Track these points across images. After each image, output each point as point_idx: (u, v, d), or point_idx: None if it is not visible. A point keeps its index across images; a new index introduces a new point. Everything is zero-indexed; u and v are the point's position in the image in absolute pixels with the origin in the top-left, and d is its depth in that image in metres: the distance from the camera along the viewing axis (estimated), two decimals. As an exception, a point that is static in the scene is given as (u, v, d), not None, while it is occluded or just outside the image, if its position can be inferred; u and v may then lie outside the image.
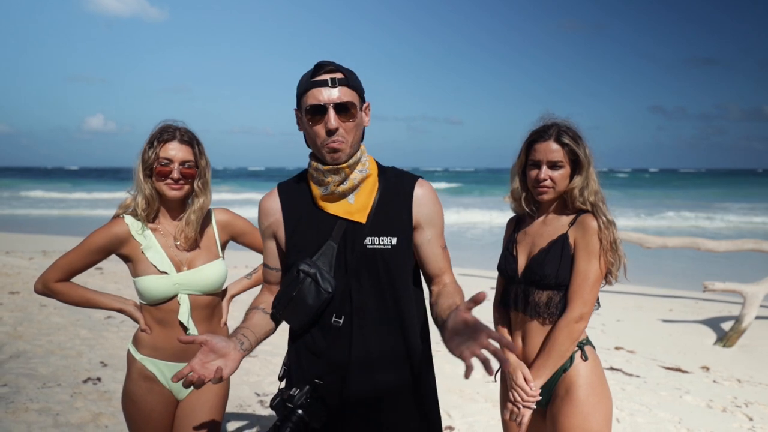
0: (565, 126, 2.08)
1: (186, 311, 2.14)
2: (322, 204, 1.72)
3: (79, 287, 2.21)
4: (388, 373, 1.72)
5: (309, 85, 1.65)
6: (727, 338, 6.43)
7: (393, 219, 1.72)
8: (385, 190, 1.74)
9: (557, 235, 2.07)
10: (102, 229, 2.15)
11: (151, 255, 2.13)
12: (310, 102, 1.64)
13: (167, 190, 2.11)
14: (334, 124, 1.62)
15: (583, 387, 2.01)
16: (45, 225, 18.54)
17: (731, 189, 41.33)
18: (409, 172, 1.81)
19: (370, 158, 1.77)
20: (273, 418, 3.91)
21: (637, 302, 8.30)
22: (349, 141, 1.66)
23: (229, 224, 2.30)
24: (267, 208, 1.81)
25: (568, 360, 2.04)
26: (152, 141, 2.11)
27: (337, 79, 1.64)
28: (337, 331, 1.70)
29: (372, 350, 1.71)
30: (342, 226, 1.70)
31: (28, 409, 3.74)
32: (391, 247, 1.70)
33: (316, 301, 1.68)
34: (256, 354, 5.31)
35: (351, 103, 1.64)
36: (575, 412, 1.98)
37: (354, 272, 1.69)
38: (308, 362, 1.75)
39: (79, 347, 5.21)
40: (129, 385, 2.20)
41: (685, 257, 11.66)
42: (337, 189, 1.69)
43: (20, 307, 6.57)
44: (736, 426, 4.09)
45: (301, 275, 1.68)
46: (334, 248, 1.70)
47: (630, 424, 4.04)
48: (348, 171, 1.68)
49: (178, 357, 2.16)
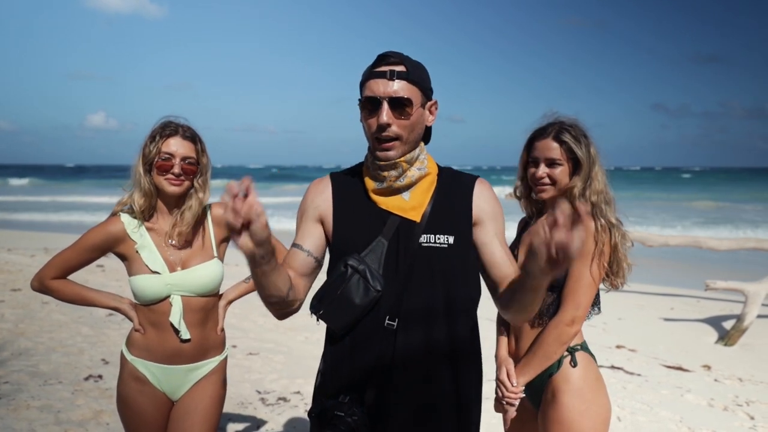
0: (568, 124, 2.05)
1: (177, 313, 2.09)
2: (375, 198, 1.62)
3: (75, 285, 2.18)
4: (432, 379, 1.61)
5: (368, 75, 1.57)
6: (728, 337, 6.43)
7: (451, 217, 1.62)
8: (442, 189, 1.65)
9: None
10: (98, 227, 2.12)
11: (144, 254, 2.09)
12: (366, 93, 1.56)
13: (167, 185, 2.07)
14: (386, 119, 1.53)
15: (568, 393, 1.95)
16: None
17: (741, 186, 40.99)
18: (467, 172, 1.73)
19: (429, 157, 1.68)
20: (274, 417, 3.91)
21: (638, 301, 8.30)
22: (403, 139, 1.56)
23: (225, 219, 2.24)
24: (319, 189, 1.69)
25: (555, 364, 1.99)
26: (154, 135, 2.08)
27: (397, 71, 1.54)
28: (390, 334, 1.58)
29: (418, 355, 1.59)
30: (395, 222, 1.60)
31: (30, 406, 3.74)
32: (447, 246, 1.59)
33: (363, 300, 1.56)
34: (257, 352, 5.32)
35: (407, 99, 1.54)
36: (559, 419, 1.94)
37: (406, 272, 1.58)
38: (350, 368, 1.62)
39: (80, 344, 5.22)
40: (121, 386, 2.17)
41: (687, 256, 11.65)
42: (394, 184, 1.60)
43: (22, 304, 6.57)
44: (737, 425, 4.09)
45: (349, 271, 1.57)
46: (384, 245, 1.59)
47: (631, 422, 4.04)
48: (405, 165, 1.59)
49: (170, 359, 2.12)
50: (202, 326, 2.16)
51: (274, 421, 3.85)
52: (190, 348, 2.14)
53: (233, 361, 4.67)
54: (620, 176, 56.92)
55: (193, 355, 2.15)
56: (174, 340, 2.11)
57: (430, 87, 1.63)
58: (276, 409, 4.03)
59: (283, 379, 4.64)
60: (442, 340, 1.62)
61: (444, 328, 1.62)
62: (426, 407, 1.61)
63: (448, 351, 1.63)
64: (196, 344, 2.15)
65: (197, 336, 2.14)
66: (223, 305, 2.25)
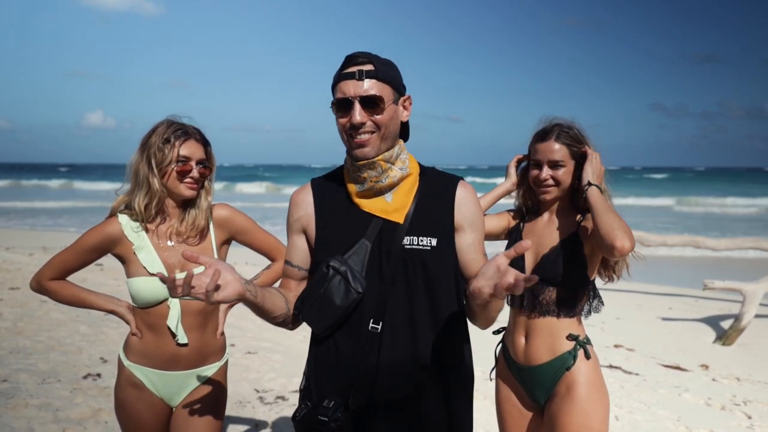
0: (567, 126, 2.10)
1: (175, 316, 2.04)
2: (358, 201, 1.62)
3: (73, 286, 2.15)
4: (420, 386, 1.59)
5: (338, 78, 1.58)
6: (726, 336, 6.44)
7: (434, 219, 1.62)
8: (425, 190, 1.64)
9: (567, 234, 2.07)
10: (95, 228, 2.09)
11: (143, 256, 2.04)
12: (337, 95, 1.57)
13: (185, 189, 2.04)
14: (359, 119, 1.53)
15: (584, 385, 2.00)
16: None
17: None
18: (449, 173, 1.72)
19: (410, 157, 1.67)
20: (272, 415, 3.92)
21: (636, 300, 8.31)
22: (379, 135, 1.56)
23: (228, 221, 2.17)
24: (298, 201, 1.71)
25: (570, 358, 2.03)
26: (167, 139, 2.02)
27: (365, 71, 1.55)
28: (375, 338, 1.57)
29: (403, 360, 1.58)
30: (377, 224, 1.60)
31: (28, 404, 3.75)
32: (431, 248, 1.59)
33: (344, 302, 1.55)
34: (256, 351, 5.32)
35: (378, 96, 1.54)
36: (577, 411, 1.97)
37: (389, 274, 1.57)
38: (334, 372, 1.61)
39: (79, 343, 5.22)
40: (118, 391, 2.13)
41: (685, 255, 11.66)
42: (375, 185, 1.59)
43: (20, 303, 6.57)
44: (735, 424, 4.10)
45: (331, 272, 1.56)
46: (367, 247, 1.59)
47: (629, 421, 4.04)
48: (384, 165, 1.58)
49: (168, 365, 2.08)
50: (202, 330, 2.11)
51: (273, 419, 3.85)
52: (188, 353, 2.08)
53: (231, 360, 4.67)
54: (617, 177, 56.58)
55: (191, 361, 2.10)
56: (171, 345, 2.06)
57: (401, 83, 1.63)
58: (274, 408, 4.04)
59: (281, 378, 4.64)
60: (430, 350, 1.60)
61: (431, 336, 1.60)
62: (414, 416, 1.59)
63: (437, 362, 1.61)
64: (195, 349, 2.09)
65: (196, 340, 2.09)
66: (224, 308, 2.18)
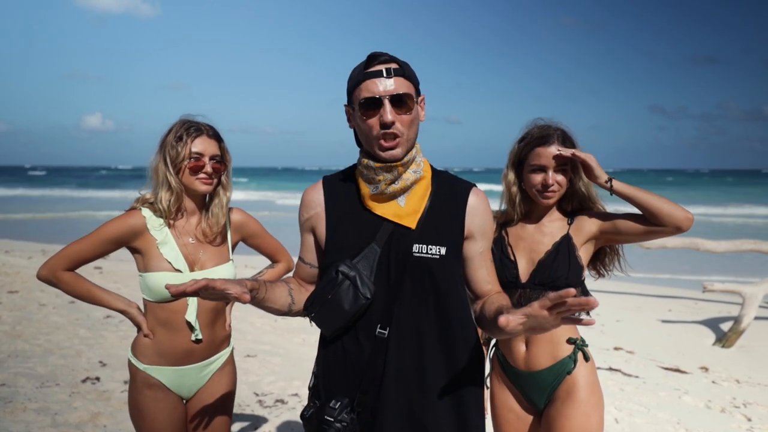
0: (564, 129, 2.09)
1: (194, 311, 2.10)
2: (370, 204, 1.61)
3: (86, 281, 2.14)
4: (426, 392, 1.59)
5: (362, 77, 1.54)
6: (726, 339, 6.44)
7: (444, 227, 1.61)
8: (437, 196, 1.63)
9: (559, 236, 2.06)
10: (117, 219, 2.08)
11: (166, 251, 2.07)
12: (363, 95, 1.53)
13: (199, 185, 2.08)
14: (390, 117, 1.51)
15: (585, 388, 2.01)
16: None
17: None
18: (462, 178, 1.71)
19: (424, 160, 1.66)
20: (272, 418, 3.91)
21: (636, 303, 8.30)
22: (406, 136, 1.55)
23: (243, 225, 2.29)
24: (309, 200, 1.70)
25: (571, 362, 2.03)
26: (180, 136, 2.06)
27: (393, 69, 1.53)
28: (382, 342, 1.57)
29: (410, 365, 1.58)
30: (388, 229, 1.59)
31: (27, 408, 3.74)
32: (439, 257, 1.58)
33: (352, 307, 1.56)
34: (255, 354, 5.32)
35: (408, 94, 1.53)
36: (577, 413, 1.98)
37: (397, 281, 1.57)
38: (342, 373, 1.62)
39: (77, 347, 5.21)
40: (134, 394, 2.14)
41: (685, 258, 11.66)
42: (388, 189, 1.57)
43: (19, 306, 6.56)
44: (735, 426, 4.10)
45: (340, 277, 1.56)
46: (376, 252, 1.58)
47: (629, 424, 4.04)
48: (401, 170, 1.57)
49: (183, 360, 2.12)
50: (212, 326, 2.18)
51: (272, 423, 3.84)
52: (201, 346, 2.16)
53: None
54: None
55: (204, 353, 2.17)
56: (184, 340, 2.11)
57: (418, 82, 1.63)
58: (273, 411, 4.03)
59: (281, 381, 4.63)
60: (437, 356, 1.60)
61: (438, 342, 1.60)
62: (420, 422, 1.58)
63: (444, 368, 1.61)
64: (207, 342, 2.17)
65: (207, 335, 2.16)
66: (228, 306, 2.30)
